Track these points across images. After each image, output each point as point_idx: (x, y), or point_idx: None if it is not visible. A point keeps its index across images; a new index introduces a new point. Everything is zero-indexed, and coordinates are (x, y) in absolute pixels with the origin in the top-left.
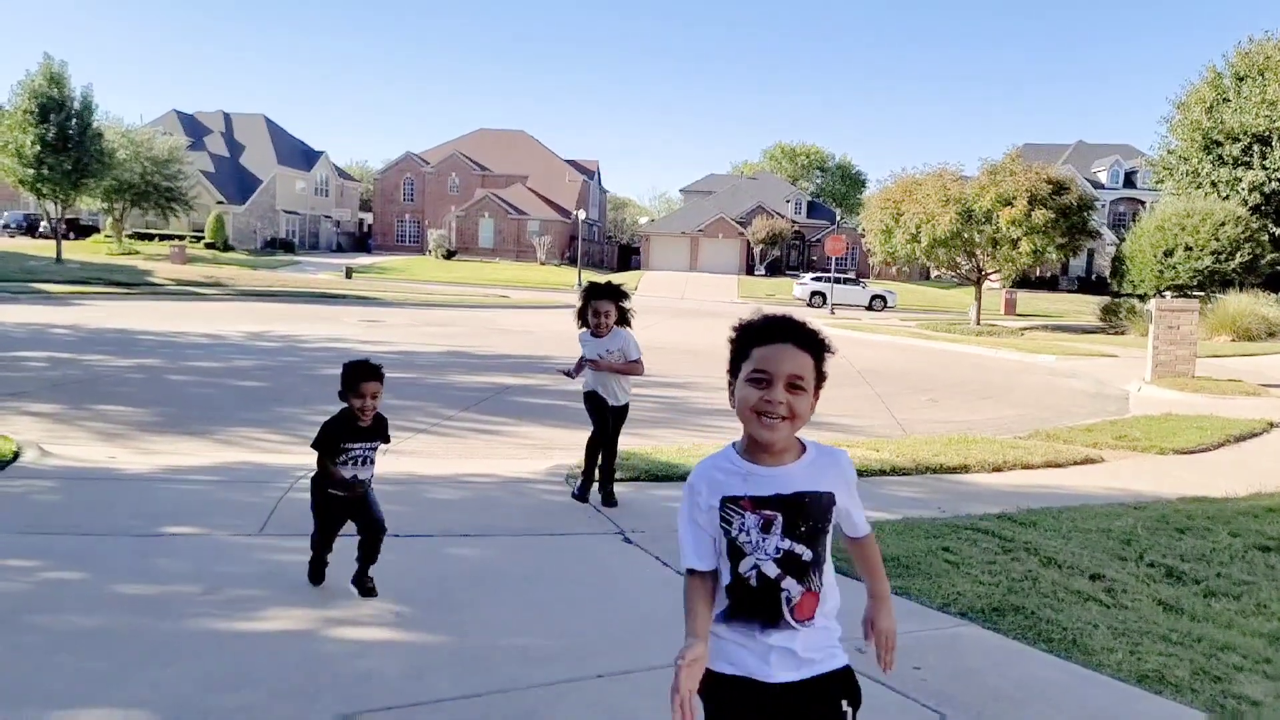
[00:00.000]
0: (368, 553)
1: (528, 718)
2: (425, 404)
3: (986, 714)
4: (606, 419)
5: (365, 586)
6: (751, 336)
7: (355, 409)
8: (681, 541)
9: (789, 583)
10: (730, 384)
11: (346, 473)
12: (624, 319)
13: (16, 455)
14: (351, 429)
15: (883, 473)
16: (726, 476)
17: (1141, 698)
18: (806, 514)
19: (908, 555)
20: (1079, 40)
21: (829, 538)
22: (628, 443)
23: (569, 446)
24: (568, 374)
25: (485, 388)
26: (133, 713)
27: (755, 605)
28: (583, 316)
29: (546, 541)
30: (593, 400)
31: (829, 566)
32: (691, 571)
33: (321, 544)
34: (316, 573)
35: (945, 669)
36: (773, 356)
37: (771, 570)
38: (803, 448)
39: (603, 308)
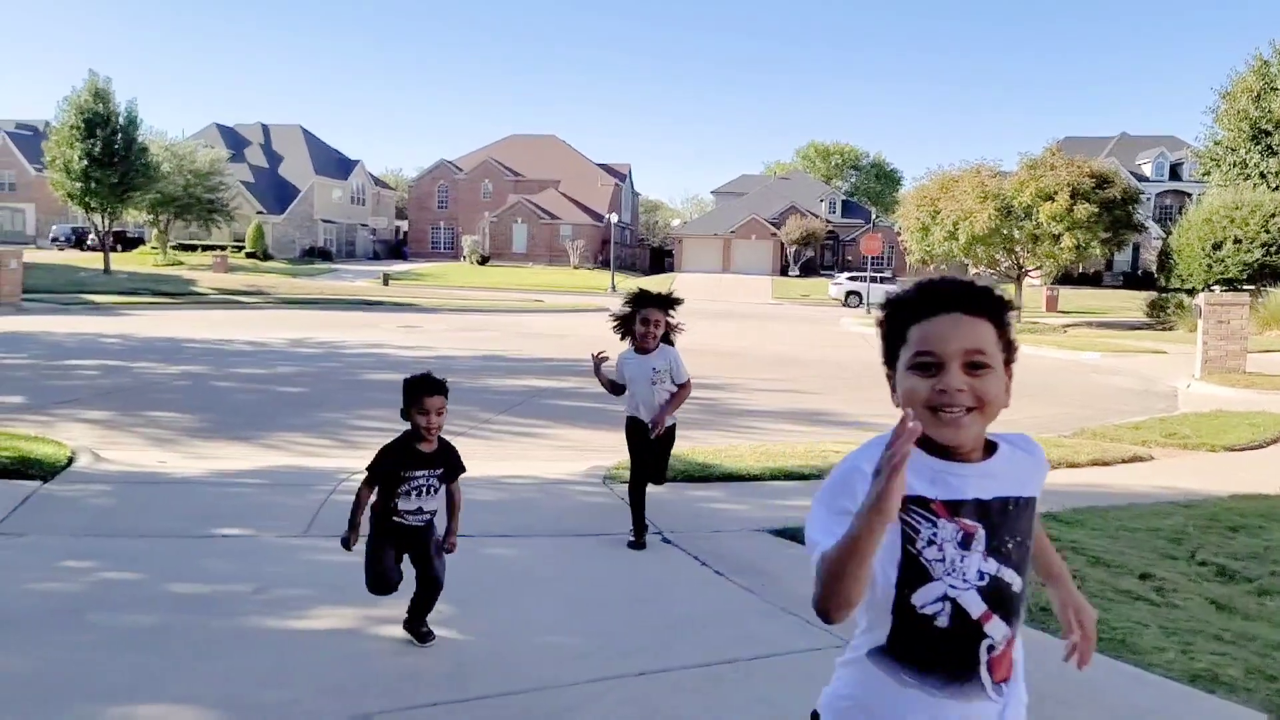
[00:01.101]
0: (423, 606)
1: (568, 715)
2: (463, 407)
3: (1036, 715)
4: (647, 455)
5: (420, 632)
6: (906, 311)
7: (421, 428)
8: (814, 534)
9: (995, 625)
10: (889, 377)
11: (411, 504)
12: (667, 335)
13: (71, 460)
14: (413, 454)
15: None
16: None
17: (1193, 697)
18: (1013, 526)
19: None
20: (1121, 30)
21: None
22: None
23: (604, 448)
24: (598, 363)
25: (521, 391)
26: (186, 707)
27: (939, 656)
28: (627, 327)
29: (585, 542)
30: (634, 431)
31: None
32: None
33: (374, 590)
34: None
35: None
36: (938, 333)
37: (975, 605)
38: (993, 441)
39: (654, 316)
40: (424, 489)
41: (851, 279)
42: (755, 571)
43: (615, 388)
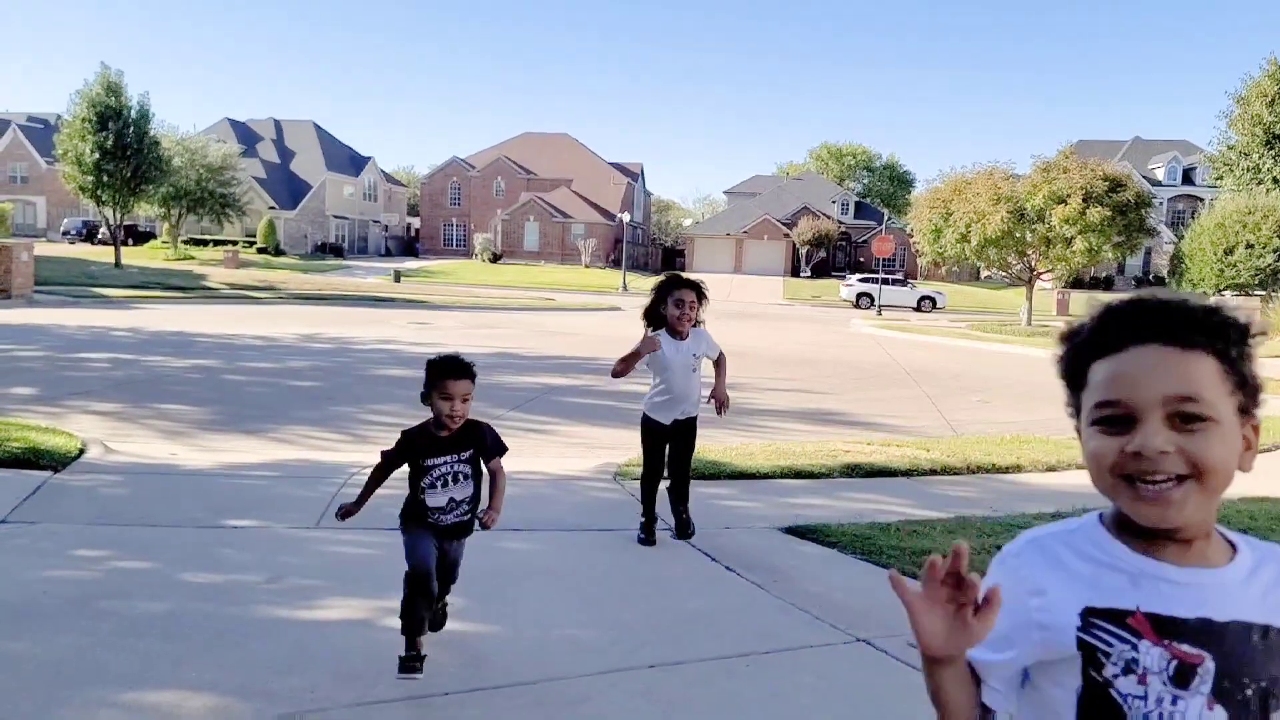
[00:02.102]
0: (438, 592)
1: (580, 705)
2: (475, 403)
3: None
4: (660, 458)
5: (433, 620)
6: (1088, 344)
7: (442, 415)
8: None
9: None
10: (1077, 430)
11: (440, 498)
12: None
13: (82, 451)
14: (432, 440)
15: (933, 472)
16: (1094, 568)
17: None
18: (1260, 666)
19: None
20: (1135, 34)
21: None
22: None
23: (615, 445)
24: (648, 344)
25: (532, 388)
26: (199, 694)
27: None
28: (653, 314)
29: (596, 536)
30: (649, 433)
31: None
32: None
33: (416, 602)
34: (412, 659)
35: None
36: (1126, 373)
37: None
38: (1228, 540)
39: (688, 298)
40: (449, 477)
41: (863, 280)
42: (766, 568)
43: (624, 370)
